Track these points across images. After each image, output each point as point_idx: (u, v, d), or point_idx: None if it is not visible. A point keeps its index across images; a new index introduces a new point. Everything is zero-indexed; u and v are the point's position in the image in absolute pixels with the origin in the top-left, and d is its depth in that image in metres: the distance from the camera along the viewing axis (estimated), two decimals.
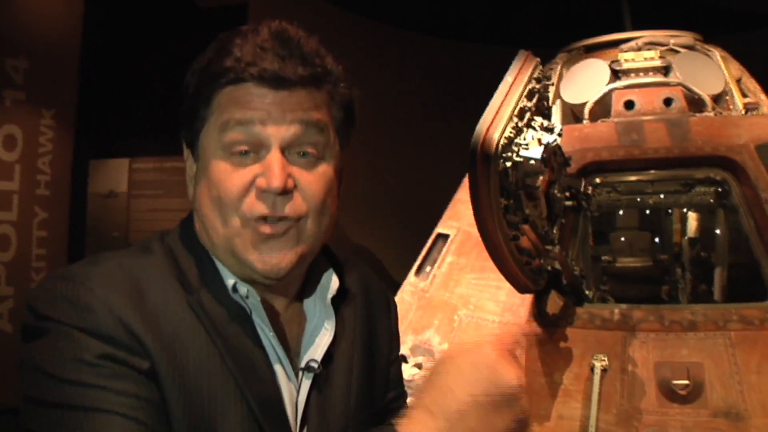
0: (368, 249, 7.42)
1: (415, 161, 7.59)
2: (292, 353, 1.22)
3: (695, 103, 3.24)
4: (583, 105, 3.32)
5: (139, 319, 1.06)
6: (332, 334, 1.24)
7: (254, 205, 1.13)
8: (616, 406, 2.49)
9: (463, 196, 3.65)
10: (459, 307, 3.11)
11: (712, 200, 3.25)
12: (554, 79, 3.56)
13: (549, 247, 2.54)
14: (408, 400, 1.40)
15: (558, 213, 2.64)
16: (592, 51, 3.62)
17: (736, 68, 3.62)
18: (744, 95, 3.48)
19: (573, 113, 3.45)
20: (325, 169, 1.19)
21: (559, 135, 2.32)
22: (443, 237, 3.62)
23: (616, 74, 3.37)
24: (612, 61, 3.40)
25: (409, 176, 7.52)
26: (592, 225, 3.78)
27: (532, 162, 2.20)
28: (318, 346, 1.23)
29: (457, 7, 7.26)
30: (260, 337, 1.17)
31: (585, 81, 3.38)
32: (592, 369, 2.56)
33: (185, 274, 1.17)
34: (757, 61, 3.94)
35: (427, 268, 3.59)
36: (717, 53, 3.54)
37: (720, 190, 3.19)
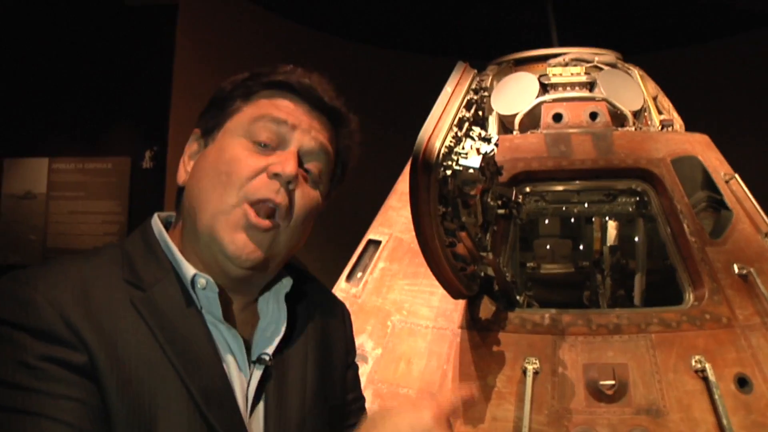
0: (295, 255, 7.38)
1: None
2: (248, 348, 1.26)
3: (617, 117, 3.41)
4: (514, 116, 3.43)
5: (80, 313, 1.09)
6: (284, 329, 1.29)
7: (260, 188, 1.21)
8: (547, 406, 2.59)
9: (394, 203, 3.70)
10: (392, 312, 3.15)
11: (632, 210, 3.42)
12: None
13: (483, 254, 2.62)
14: None
15: (491, 220, 2.72)
16: (521, 64, 3.75)
17: (652, 86, 3.83)
18: (660, 112, 3.68)
19: (503, 124, 3.56)
20: (316, 195, 1.30)
21: (496, 145, 2.39)
22: (375, 243, 3.65)
23: (544, 88, 3.50)
24: (540, 75, 3.53)
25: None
26: (518, 232, 3.91)
27: (471, 171, 2.26)
28: (270, 340, 1.27)
29: (387, 15, 7.33)
30: (211, 331, 1.21)
31: (515, 93, 3.50)
32: (524, 372, 2.65)
33: (138, 273, 1.20)
34: (669, 80, 4.18)
35: (359, 274, 3.61)
36: (636, 72, 3.73)
37: (640, 200, 3.37)
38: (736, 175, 3.43)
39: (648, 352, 2.68)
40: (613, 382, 2.58)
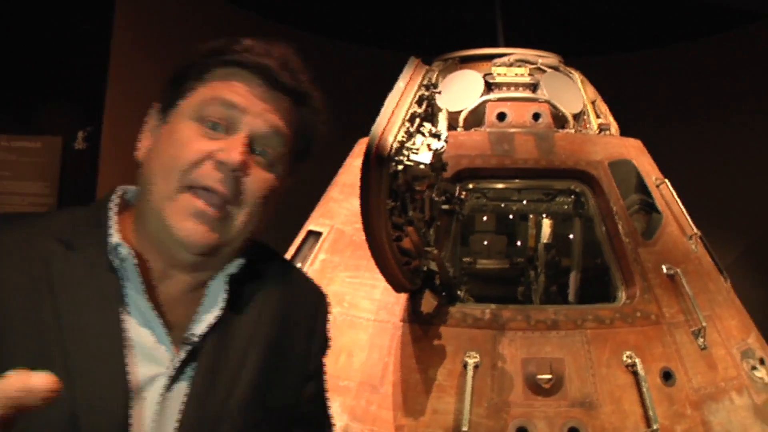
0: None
1: None
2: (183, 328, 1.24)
3: (558, 119, 3.50)
4: (458, 113, 3.47)
5: None
6: (218, 311, 1.25)
7: (206, 175, 1.19)
8: (487, 400, 2.64)
9: (335, 194, 3.69)
10: (333, 305, 3.11)
11: (569, 209, 3.53)
12: None
13: (428, 248, 2.65)
14: None
15: (435, 216, 2.75)
16: (466, 62, 3.79)
17: (591, 91, 3.94)
18: (598, 116, 3.80)
19: (448, 120, 3.60)
20: (271, 178, 1.27)
21: (446, 141, 2.42)
22: (315, 234, 3.63)
23: (489, 86, 3.56)
24: (485, 74, 3.58)
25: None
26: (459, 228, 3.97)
27: (422, 166, 2.29)
28: (203, 321, 1.24)
29: (332, 4, 7.26)
30: (128, 302, 1.20)
31: (460, 90, 3.54)
32: (465, 365, 2.70)
33: (74, 234, 1.21)
34: (604, 84, 4.31)
35: (298, 265, 3.59)
36: (577, 76, 3.83)
37: (577, 200, 3.47)
38: (666, 180, 3.58)
39: (583, 347, 2.77)
40: (550, 376, 2.66)
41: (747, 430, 2.83)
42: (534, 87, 3.56)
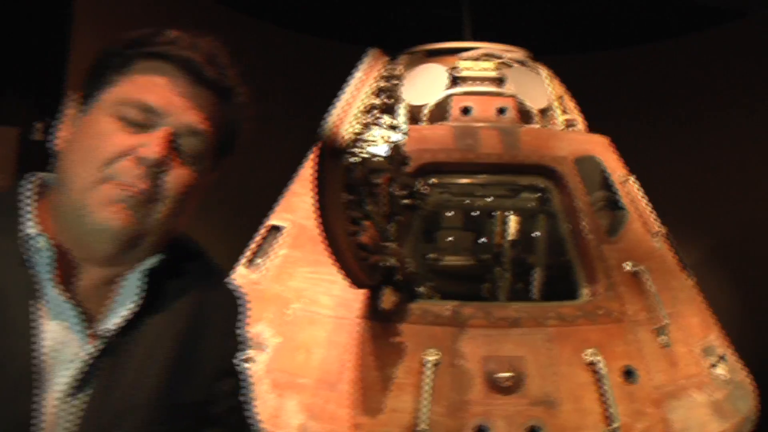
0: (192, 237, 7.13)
1: (246, 150, 7.36)
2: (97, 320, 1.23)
3: (524, 114, 3.47)
4: (423, 107, 3.42)
5: None
6: (133, 306, 1.24)
7: (125, 170, 1.16)
8: (446, 398, 2.60)
9: (298, 188, 3.63)
10: (292, 300, 3.08)
11: (534, 205, 3.49)
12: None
13: (387, 244, 2.59)
14: None
15: (396, 211, 2.70)
16: (433, 56, 3.74)
17: (558, 87, 3.92)
18: (564, 112, 3.77)
19: (412, 114, 3.55)
20: (192, 174, 1.25)
21: (405, 134, 2.37)
22: (277, 229, 3.57)
23: (454, 80, 3.51)
24: (451, 68, 3.53)
25: (240, 165, 7.29)
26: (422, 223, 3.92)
27: (378, 159, 2.23)
28: (116, 315, 1.23)
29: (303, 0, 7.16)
30: (46, 293, 1.17)
31: (425, 84, 3.49)
32: (424, 363, 2.65)
33: None
34: (576, 82, 4.29)
35: (259, 260, 3.52)
36: (544, 71, 3.81)
37: (542, 196, 3.44)
38: (632, 177, 3.57)
39: (544, 345, 2.74)
40: (510, 374, 2.63)
41: (705, 427, 2.82)
42: (500, 81, 3.52)
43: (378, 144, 2.24)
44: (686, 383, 2.92)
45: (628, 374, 2.79)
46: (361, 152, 2.20)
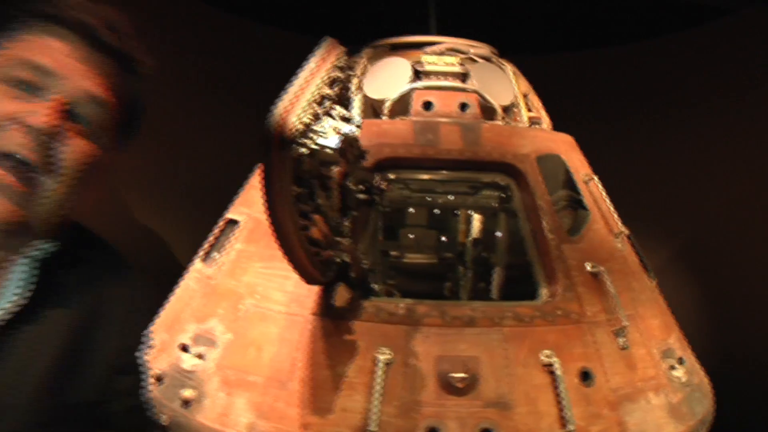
0: (155, 232, 7.00)
1: (210, 143, 7.20)
2: None
3: (487, 111, 3.41)
4: (384, 101, 3.35)
5: None
6: (19, 298, 1.15)
7: (11, 139, 1.06)
8: (398, 398, 2.53)
9: (256, 182, 3.54)
10: (245, 296, 3.00)
11: (495, 204, 3.44)
12: (358, 73, 3.57)
13: (340, 239, 2.52)
14: None
15: (351, 205, 2.62)
16: (397, 50, 3.68)
17: (524, 84, 3.87)
18: (529, 110, 3.73)
19: (373, 108, 3.48)
20: (92, 148, 1.15)
21: (358, 127, 2.29)
22: (234, 223, 3.48)
23: (417, 75, 3.45)
24: (415, 62, 3.47)
25: (204, 158, 7.14)
26: (383, 220, 3.85)
27: (329, 151, 2.15)
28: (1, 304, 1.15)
29: None
30: None
31: (387, 78, 3.42)
32: (376, 362, 2.58)
33: None
34: (544, 83, 4.26)
35: (215, 255, 3.43)
36: (509, 68, 3.75)
37: (503, 195, 3.39)
38: (595, 177, 3.53)
39: (500, 345, 2.68)
40: (464, 375, 2.57)
41: (661, 430, 2.79)
42: (464, 77, 3.46)
43: (329, 136, 2.16)
44: (644, 386, 2.89)
45: (585, 376, 2.75)
46: (311, 143, 2.12)
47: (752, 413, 5.77)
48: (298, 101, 2.10)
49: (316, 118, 2.16)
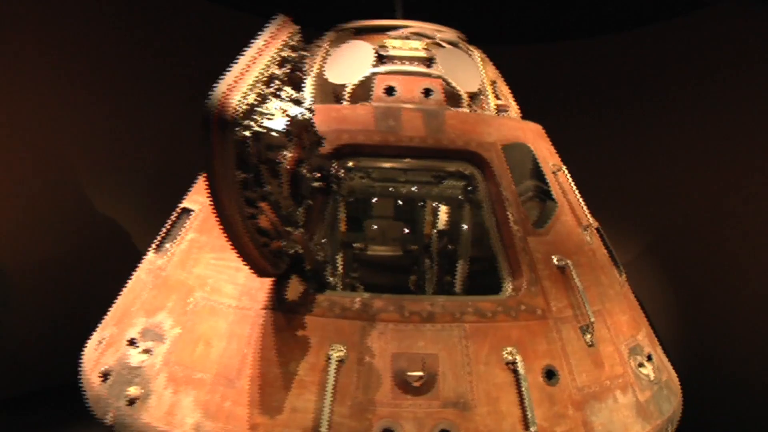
0: (114, 220, 6.78)
1: (172, 128, 6.97)
2: None
3: (453, 97, 3.27)
4: (345, 86, 3.20)
5: None
6: None
7: None
8: (351, 398, 2.40)
9: None
10: (195, 288, 2.84)
11: (460, 194, 3.30)
12: (320, 57, 3.42)
13: (290, 229, 2.37)
14: None
15: (305, 194, 2.48)
16: (361, 34, 3.53)
17: (492, 71, 3.74)
18: (497, 97, 3.59)
19: (335, 94, 3.32)
20: None
21: (310, 110, 2.14)
22: (187, 212, 3.32)
23: (381, 59, 3.30)
24: (379, 46, 3.32)
25: (166, 145, 6.91)
26: (346, 211, 3.70)
27: (275, 134, 2.00)
28: None
29: None
30: None
31: (350, 62, 3.27)
32: (329, 359, 2.44)
33: None
34: (516, 73, 4.14)
35: (168, 245, 3.27)
36: (477, 54, 3.62)
37: (468, 185, 3.25)
38: (564, 167, 3.41)
39: (460, 342, 2.56)
40: (421, 373, 2.44)
41: (628, 430, 2.68)
42: (429, 62, 3.32)
43: (275, 117, 2.00)
44: (611, 384, 2.78)
45: (550, 375, 2.64)
46: (256, 126, 1.97)
47: (720, 408, 5.74)
48: (242, 80, 1.95)
49: (263, 99, 2.01)
